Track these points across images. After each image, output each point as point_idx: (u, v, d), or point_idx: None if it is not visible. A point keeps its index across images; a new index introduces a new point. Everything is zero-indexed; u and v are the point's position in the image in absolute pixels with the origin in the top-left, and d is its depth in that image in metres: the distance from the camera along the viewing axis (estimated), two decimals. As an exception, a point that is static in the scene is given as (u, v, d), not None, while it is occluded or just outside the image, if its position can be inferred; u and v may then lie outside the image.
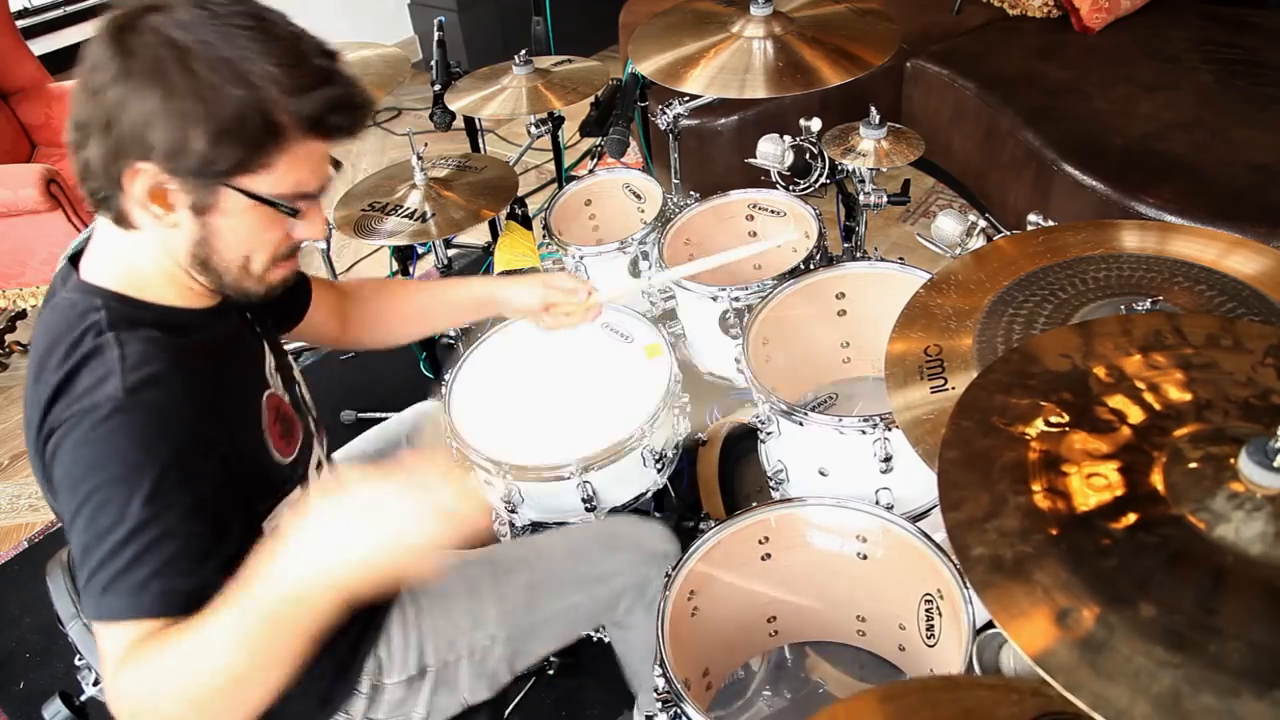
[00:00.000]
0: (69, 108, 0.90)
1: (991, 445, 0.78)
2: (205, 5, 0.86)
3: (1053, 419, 0.79)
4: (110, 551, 0.83)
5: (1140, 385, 0.81)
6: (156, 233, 0.93)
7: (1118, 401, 0.79)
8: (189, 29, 0.85)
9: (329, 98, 0.90)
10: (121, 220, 0.93)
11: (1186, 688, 0.58)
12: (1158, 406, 0.78)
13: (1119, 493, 0.71)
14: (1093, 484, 0.72)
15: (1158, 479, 0.71)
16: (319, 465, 1.16)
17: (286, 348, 1.92)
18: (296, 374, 1.21)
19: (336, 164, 1.01)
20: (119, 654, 0.82)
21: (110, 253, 0.97)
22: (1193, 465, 0.71)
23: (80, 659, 1.08)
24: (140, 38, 0.85)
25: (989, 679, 0.96)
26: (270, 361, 1.14)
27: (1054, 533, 0.69)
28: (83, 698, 1.09)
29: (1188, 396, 0.79)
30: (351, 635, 1.21)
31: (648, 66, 1.77)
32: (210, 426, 0.92)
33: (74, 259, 1.00)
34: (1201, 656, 0.60)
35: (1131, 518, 0.69)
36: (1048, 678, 0.60)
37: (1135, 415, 0.78)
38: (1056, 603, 0.64)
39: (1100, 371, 0.83)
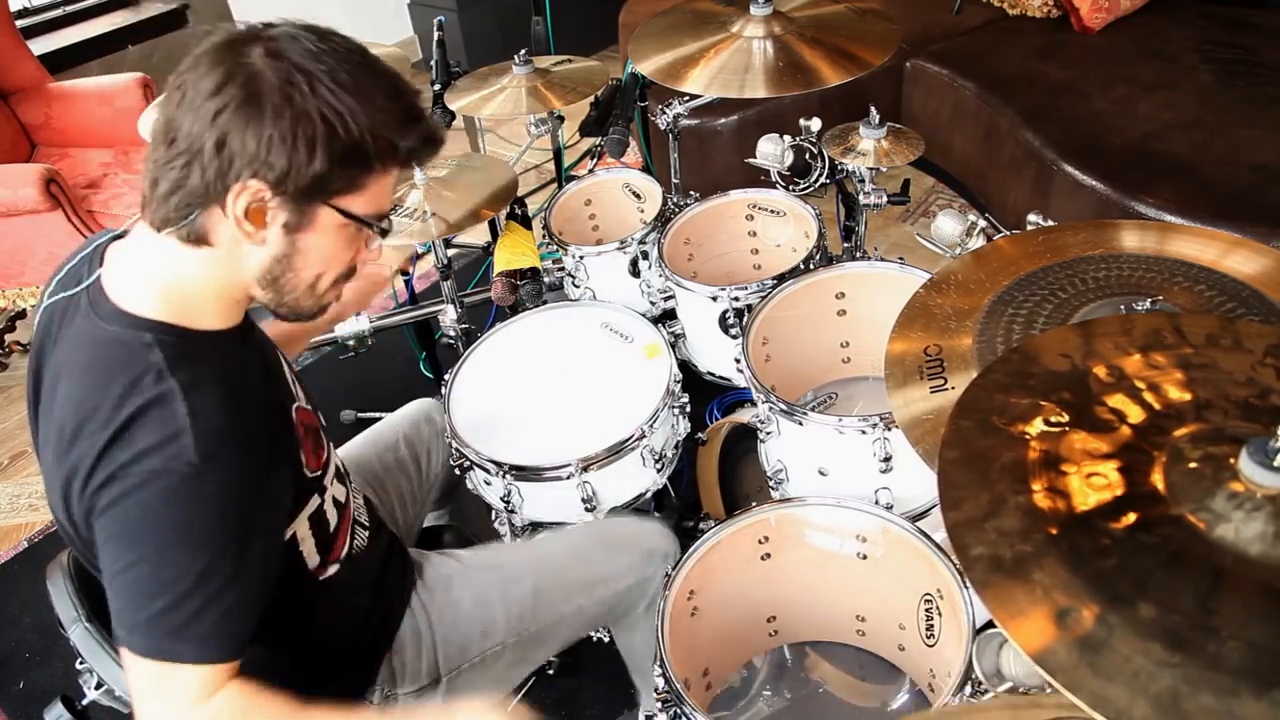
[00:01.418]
0: (159, 121, 0.90)
1: (991, 445, 0.78)
2: (319, 34, 0.90)
3: (1053, 419, 0.79)
4: (175, 601, 0.88)
5: (1140, 385, 0.81)
6: (232, 251, 0.93)
7: (1118, 401, 0.79)
8: (312, 57, 0.88)
9: (426, 133, 0.95)
10: (198, 238, 0.92)
11: (1185, 687, 0.58)
12: (1158, 406, 0.78)
13: (1119, 492, 0.71)
14: (1093, 484, 0.72)
15: (1158, 479, 0.71)
16: (336, 472, 1.17)
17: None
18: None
19: None
20: (183, 691, 0.89)
21: (153, 278, 0.95)
22: (1193, 465, 0.71)
23: (82, 662, 1.08)
24: (264, 62, 0.86)
25: (984, 704, 0.96)
26: (287, 371, 1.14)
27: (1054, 532, 0.69)
28: (84, 701, 1.08)
29: (1188, 396, 0.79)
30: (365, 645, 1.21)
31: (648, 66, 1.77)
32: (269, 471, 0.95)
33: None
34: (1200, 656, 0.60)
35: (1131, 517, 0.69)
36: (1047, 677, 0.60)
37: (1135, 415, 0.78)
38: (1056, 602, 0.64)
39: (1100, 371, 0.83)
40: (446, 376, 1.66)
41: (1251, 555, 0.64)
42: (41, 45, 3.49)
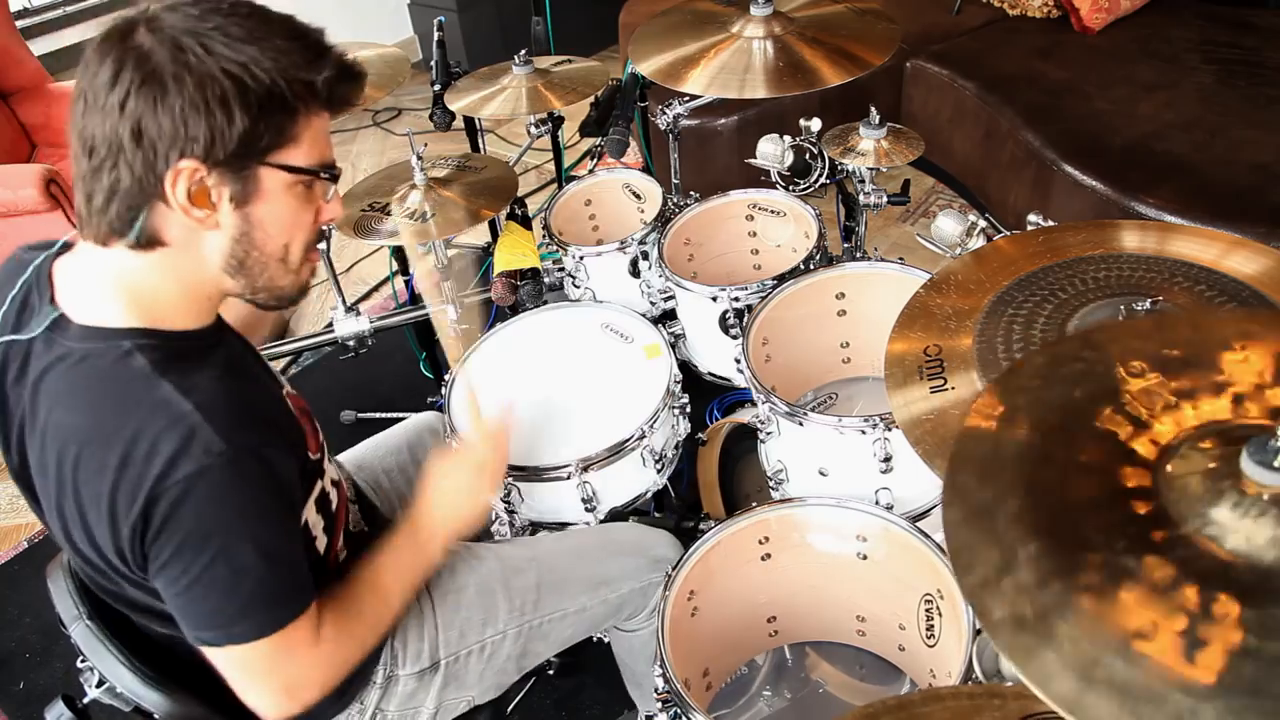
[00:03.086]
0: (74, 137, 0.87)
1: (990, 496, 0.75)
2: (198, 1, 0.87)
3: (1053, 432, 0.78)
4: (262, 578, 0.92)
5: (1140, 387, 0.81)
6: (189, 245, 0.91)
7: (1116, 405, 0.79)
8: (195, 20, 0.85)
9: (338, 67, 0.92)
10: (149, 241, 0.90)
11: (1228, 717, 0.56)
12: (1159, 408, 0.78)
13: (1119, 502, 0.71)
14: (1095, 496, 0.71)
15: (1158, 479, 0.71)
16: (325, 452, 1.17)
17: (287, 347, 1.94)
18: None
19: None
20: (303, 642, 0.97)
21: (114, 290, 0.92)
22: (1193, 466, 0.71)
23: (83, 661, 1.07)
24: (149, 40, 0.84)
25: (970, 687, 0.95)
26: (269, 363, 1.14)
27: (1067, 571, 0.66)
28: (85, 700, 1.08)
29: (1188, 398, 0.79)
30: None
31: (648, 66, 1.76)
32: (280, 440, 0.96)
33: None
34: (1234, 681, 0.57)
35: (1135, 531, 0.68)
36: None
37: (1135, 415, 0.77)
38: (1083, 651, 0.61)
39: (1100, 373, 0.83)
40: (446, 377, 1.66)
41: (1266, 563, 0.63)
42: (41, 45, 3.49)
